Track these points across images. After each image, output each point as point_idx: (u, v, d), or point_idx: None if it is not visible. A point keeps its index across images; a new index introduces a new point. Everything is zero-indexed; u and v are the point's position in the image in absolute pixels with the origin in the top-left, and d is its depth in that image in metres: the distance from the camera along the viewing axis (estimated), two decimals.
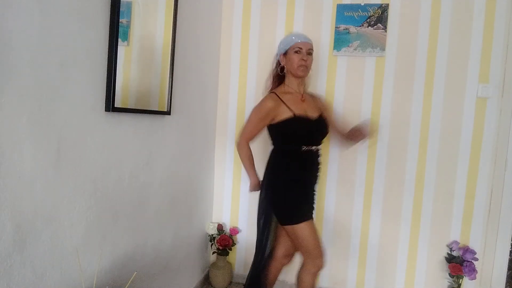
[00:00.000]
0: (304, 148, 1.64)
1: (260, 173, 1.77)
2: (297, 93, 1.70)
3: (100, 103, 1.20)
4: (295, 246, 1.72)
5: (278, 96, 1.66)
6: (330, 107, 1.81)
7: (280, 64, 1.72)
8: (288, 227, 1.63)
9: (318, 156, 1.74)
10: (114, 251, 1.33)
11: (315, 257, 1.63)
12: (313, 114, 1.68)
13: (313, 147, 1.68)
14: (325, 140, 1.77)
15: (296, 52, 1.64)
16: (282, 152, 1.70)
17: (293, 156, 1.66)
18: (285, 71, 1.71)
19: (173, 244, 1.85)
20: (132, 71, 1.37)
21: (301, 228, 1.60)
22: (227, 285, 2.34)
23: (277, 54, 1.76)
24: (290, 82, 1.71)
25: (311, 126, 1.66)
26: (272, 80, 1.78)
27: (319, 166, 1.76)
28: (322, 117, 1.72)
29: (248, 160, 1.75)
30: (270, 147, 1.77)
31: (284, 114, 1.62)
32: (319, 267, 1.65)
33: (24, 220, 0.92)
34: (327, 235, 2.26)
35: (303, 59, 1.64)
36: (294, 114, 1.61)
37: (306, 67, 1.66)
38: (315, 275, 1.67)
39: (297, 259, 1.80)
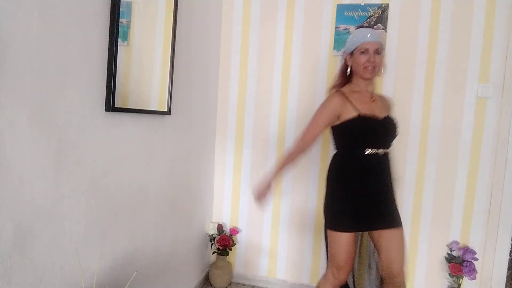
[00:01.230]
0: (368, 151, 1.51)
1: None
2: (366, 92, 1.59)
3: (100, 103, 1.20)
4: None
5: (344, 95, 1.55)
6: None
7: (346, 63, 1.62)
8: (328, 231, 1.57)
9: (386, 160, 1.58)
10: (114, 251, 1.33)
11: (339, 268, 1.53)
12: (381, 114, 1.56)
13: (379, 150, 1.52)
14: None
15: (362, 52, 1.53)
16: (344, 156, 1.59)
17: (356, 161, 1.53)
18: (352, 71, 1.61)
19: (173, 244, 1.85)
20: (132, 71, 1.37)
21: (339, 237, 1.51)
22: (227, 285, 2.34)
23: (343, 52, 1.65)
24: (358, 82, 1.60)
25: (378, 126, 1.53)
26: (339, 78, 1.67)
27: (390, 172, 1.59)
28: (391, 117, 1.61)
29: (288, 157, 1.59)
30: (333, 152, 1.68)
31: (349, 113, 1.51)
32: (340, 280, 1.55)
33: (24, 220, 0.92)
34: None
35: (369, 61, 1.52)
36: (359, 114, 1.50)
37: (374, 68, 1.53)
38: (334, 287, 1.57)
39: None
